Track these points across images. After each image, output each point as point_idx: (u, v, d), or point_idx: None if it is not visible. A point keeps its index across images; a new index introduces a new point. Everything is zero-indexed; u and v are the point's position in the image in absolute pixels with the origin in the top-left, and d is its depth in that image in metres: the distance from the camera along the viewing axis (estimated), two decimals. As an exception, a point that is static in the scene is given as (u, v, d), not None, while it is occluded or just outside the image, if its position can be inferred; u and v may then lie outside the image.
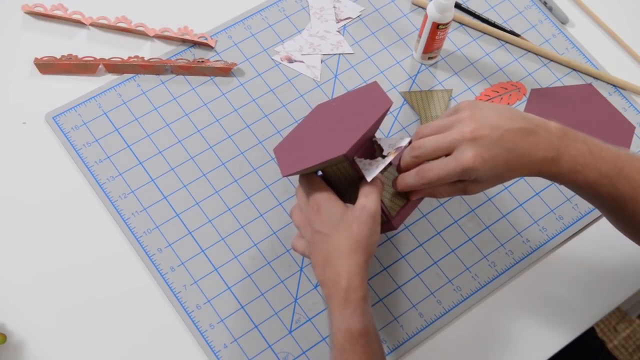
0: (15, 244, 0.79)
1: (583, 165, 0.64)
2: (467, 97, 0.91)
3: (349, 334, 0.63)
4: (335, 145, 0.65)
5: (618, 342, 1.58)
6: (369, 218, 0.64)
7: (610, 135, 0.89)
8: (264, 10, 0.94)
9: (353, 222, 0.64)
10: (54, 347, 0.75)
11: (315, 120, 0.73)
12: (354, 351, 0.63)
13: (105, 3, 0.93)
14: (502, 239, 0.83)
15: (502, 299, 0.80)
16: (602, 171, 0.65)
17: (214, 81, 0.89)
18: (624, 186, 0.65)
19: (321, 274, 0.65)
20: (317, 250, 0.66)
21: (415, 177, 0.66)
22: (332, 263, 0.64)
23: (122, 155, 0.84)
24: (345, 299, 0.63)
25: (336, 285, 0.63)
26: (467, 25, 0.96)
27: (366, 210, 0.64)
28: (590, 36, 0.97)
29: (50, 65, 0.87)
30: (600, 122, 0.90)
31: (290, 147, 0.71)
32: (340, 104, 0.73)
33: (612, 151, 0.66)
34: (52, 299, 0.77)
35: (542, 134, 0.64)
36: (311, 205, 0.67)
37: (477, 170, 0.62)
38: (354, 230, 0.64)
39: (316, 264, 0.66)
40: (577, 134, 0.66)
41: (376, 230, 0.65)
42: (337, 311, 0.63)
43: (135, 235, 0.80)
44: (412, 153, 0.66)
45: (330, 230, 0.65)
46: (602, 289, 0.81)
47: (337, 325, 0.63)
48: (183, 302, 0.77)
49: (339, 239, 0.64)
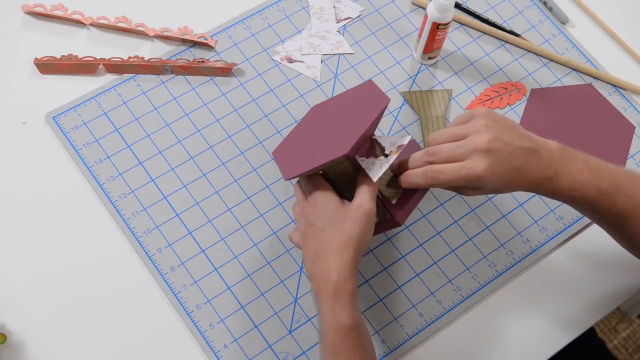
0: (16, 243, 0.79)
1: (581, 183, 0.66)
2: (467, 97, 0.91)
3: (339, 328, 0.63)
4: (335, 146, 0.65)
5: (618, 342, 1.58)
6: (363, 216, 0.65)
7: (610, 135, 0.89)
8: (264, 10, 0.94)
9: (347, 218, 0.65)
10: (54, 346, 0.75)
11: (313, 122, 0.73)
12: (345, 346, 0.63)
13: (105, 3, 0.93)
14: (502, 239, 0.83)
15: (502, 299, 0.80)
16: (601, 188, 0.66)
17: (214, 81, 0.89)
18: (623, 203, 0.67)
19: (311, 268, 0.66)
20: (309, 242, 0.67)
21: (424, 176, 0.66)
22: (323, 257, 0.65)
23: (122, 155, 0.84)
24: (334, 293, 0.64)
25: (325, 280, 0.64)
26: (467, 25, 0.96)
27: (362, 209, 0.65)
28: (590, 36, 0.97)
29: (50, 65, 0.87)
30: (600, 122, 0.90)
31: (289, 149, 0.71)
32: (337, 104, 0.72)
33: (612, 169, 0.67)
34: (52, 299, 0.77)
35: (543, 154, 0.65)
36: (308, 198, 0.68)
37: (486, 180, 0.64)
38: (347, 226, 0.64)
39: (307, 256, 0.67)
40: (577, 153, 0.67)
41: (369, 229, 0.66)
42: (326, 306, 0.64)
43: (135, 235, 0.80)
44: (426, 158, 0.67)
45: (324, 224, 0.66)
46: (602, 289, 0.81)
47: (328, 320, 0.64)
48: (183, 302, 0.77)
49: (332, 234, 0.65)
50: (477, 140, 0.64)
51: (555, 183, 0.66)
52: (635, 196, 0.67)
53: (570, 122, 0.90)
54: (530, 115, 0.90)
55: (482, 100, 0.91)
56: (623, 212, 0.67)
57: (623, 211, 0.67)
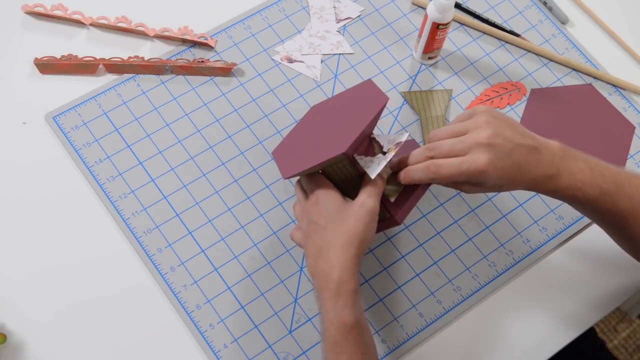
0: (16, 243, 0.79)
1: (583, 182, 0.66)
2: (467, 97, 0.91)
3: (341, 326, 0.63)
4: (334, 145, 0.65)
5: (618, 342, 1.58)
6: (366, 214, 0.64)
7: (610, 135, 0.89)
8: (264, 10, 0.94)
9: (350, 216, 0.65)
10: (54, 346, 0.75)
11: (312, 121, 0.73)
12: (346, 344, 0.63)
13: (105, 3, 0.93)
14: (502, 239, 0.83)
15: (502, 299, 0.80)
16: (602, 188, 0.66)
17: (214, 81, 0.89)
18: (624, 204, 0.67)
19: (313, 266, 0.66)
20: (311, 240, 0.67)
21: (425, 171, 0.66)
22: (325, 255, 0.65)
23: (122, 155, 0.84)
24: (337, 291, 0.63)
25: (327, 277, 0.64)
26: (467, 25, 0.96)
27: (365, 207, 0.64)
28: (590, 36, 0.97)
29: (50, 65, 0.87)
30: (600, 122, 0.90)
31: (288, 149, 0.71)
32: (336, 103, 0.73)
33: (613, 169, 0.67)
34: (52, 299, 0.77)
35: (545, 153, 0.65)
36: (310, 197, 0.68)
37: (488, 175, 0.64)
38: (350, 224, 0.64)
39: (309, 254, 0.67)
40: (578, 153, 0.67)
41: (372, 227, 0.65)
42: (328, 304, 0.64)
43: (135, 235, 0.80)
44: (427, 153, 0.67)
45: (327, 222, 0.66)
46: (602, 289, 0.81)
47: (329, 318, 0.64)
48: (183, 302, 0.77)
49: (334, 231, 0.65)
50: (477, 135, 0.64)
51: (557, 182, 0.65)
52: (637, 197, 0.67)
53: (570, 122, 0.90)
54: (530, 115, 0.90)
55: (482, 100, 0.91)
56: (624, 212, 0.67)
57: (624, 212, 0.67)
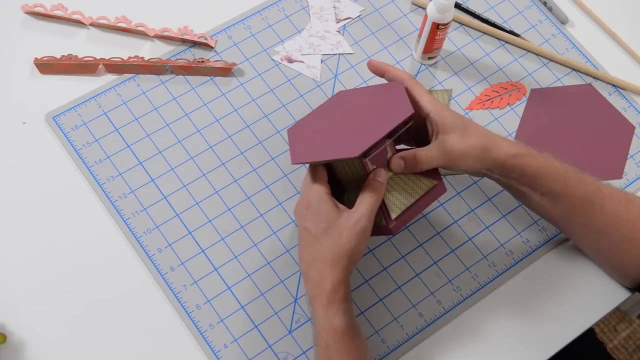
0: (15, 243, 0.79)
1: (541, 164, 0.71)
2: (467, 97, 0.91)
3: (333, 332, 0.65)
4: (349, 146, 0.65)
5: (618, 342, 1.58)
6: (360, 232, 0.66)
7: (610, 135, 0.89)
8: (264, 10, 0.94)
9: (344, 231, 0.66)
10: (54, 346, 0.75)
11: (334, 110, 0.72)
12: (338, 348, 0.65)
13: (105, 3, 0.93)
14: (502, 239, 0.83)
15: (501, 299, 0.80)
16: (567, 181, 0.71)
17: (214, 81, 0.89)
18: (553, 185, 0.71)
19: (306, 271, 0.68)
20: (304, 246, 0.69)
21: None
22: (318, 265, 0.67)
23: (122, 155, 0.84)
24: (328, 300, 0.66)
25: (319, 287, 0.66)
26: (467, 25, 0.96)
27: (359, 225, 0.66)
28: (590, 36, 0.97)
29: (50, 65, 0.87)
30: (600, 122, 0.90)
31: (304, 133, 0.71)
32: (362, 97, 0.72)
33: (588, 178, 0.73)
34: (52, 299, 0.77)
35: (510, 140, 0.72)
36: (303, 198, 0.70)
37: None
38: (343, 239, 0.66)
39: (302, 259, 0.69)
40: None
41: (364, 244, 0.68)
42: (320, 311, 0.66)
43: (135, 235, 0.80)
44: None
45: (319, 231, 0.67)
46: (602, 289, 0.81)
47: (321, 324, 0.66)
48: (183, 302, 0.77)
49: (327, 245, 0.66)
50: None
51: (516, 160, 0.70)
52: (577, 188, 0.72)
53: (570, 122, 0.90)
54: (530, 115, 0.90)
55: (482, 100, 0.91)
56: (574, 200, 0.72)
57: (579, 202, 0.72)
